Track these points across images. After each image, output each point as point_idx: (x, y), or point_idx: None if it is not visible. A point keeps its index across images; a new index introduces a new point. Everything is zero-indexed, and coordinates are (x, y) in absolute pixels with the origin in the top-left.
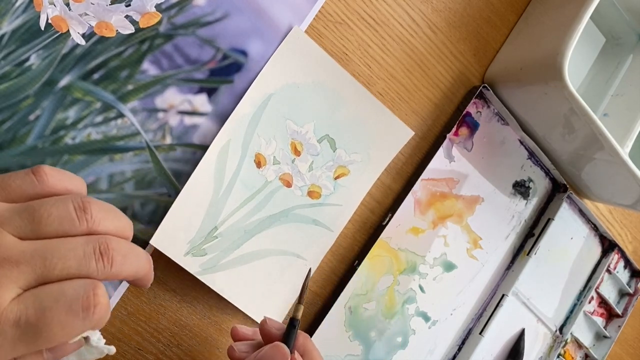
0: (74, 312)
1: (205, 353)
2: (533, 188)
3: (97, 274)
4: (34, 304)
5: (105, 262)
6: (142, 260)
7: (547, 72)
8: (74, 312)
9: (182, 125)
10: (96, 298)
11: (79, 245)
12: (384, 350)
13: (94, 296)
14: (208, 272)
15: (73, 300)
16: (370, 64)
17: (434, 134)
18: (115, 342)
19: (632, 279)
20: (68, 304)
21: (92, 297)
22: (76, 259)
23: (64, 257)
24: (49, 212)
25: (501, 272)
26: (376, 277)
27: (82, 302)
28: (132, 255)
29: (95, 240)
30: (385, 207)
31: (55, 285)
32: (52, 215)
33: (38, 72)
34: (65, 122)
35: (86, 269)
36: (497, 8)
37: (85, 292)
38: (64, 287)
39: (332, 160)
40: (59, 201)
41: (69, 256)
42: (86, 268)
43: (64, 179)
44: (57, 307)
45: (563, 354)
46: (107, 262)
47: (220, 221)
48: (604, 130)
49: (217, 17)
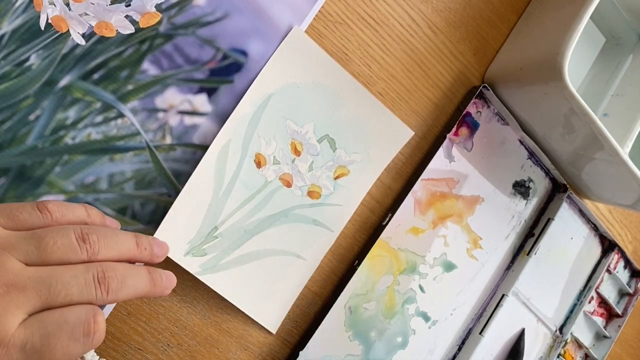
0: (76, 338)
1: (205, 353)
2: (533, 188)
3: (96, 300)
4: (39, 331)
5: (102, 289)
6: (140, 281)
7: (547, 72)
8: (76, 338)
9: (182, 125)
10: (96, 325)
11: (80, 273)
12: (384, 350)
13: (94, 323)
14: (208, 272)
15: (75, 327)
16: (370, 64)
17: (434, 134)
18: (115, 342)
19: (632, 279)
20: (70, 330)
21: (92, 324)
22: (78, 286)
23: (67, 284)
24: (55, 240)
25: (501, 272)
26: (376, 277)
27: (84, 329)
28: (129, 279)
29: (94, 268)
30: (385, 207)
31: (58, 312)
32: (57, 243)
33: (38, 72)
34: (65, 122)
35: (87, 296)
36: (497, 8)
37: (87, 318)
38: (66, 314)
39: (332, 160)
40: (62, 230)
41: (71, 283)
42: (87, 295)
43: (67, 213)
44: (60, 334)
45: (563, 354)
46: (104, 289)
47: (221, 221)
48: (604, 130)
49: (217, 17)
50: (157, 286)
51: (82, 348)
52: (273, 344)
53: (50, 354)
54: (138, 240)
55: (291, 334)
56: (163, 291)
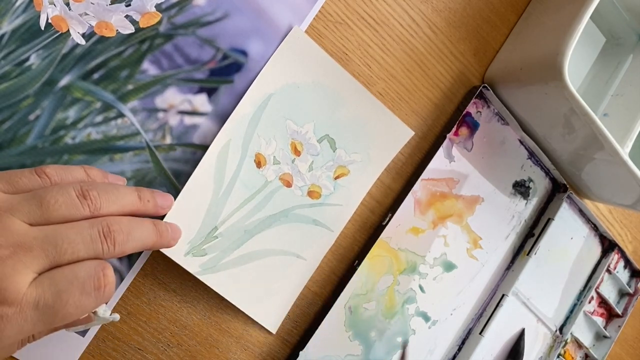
0: (87, 292)
1: (205, 353)
2: (533, 188)
3: (103, 255)
4: (50, 288)
5: (109, 243)
6: (145, 233)
7: (547, 72)
8: (87, 292)
9: (182, 125)
10: (105, 278)
11: (85, 229)
12: (384, 350)
13: (104, 276)
14: (208, 272)
15: (85, 282)
16: (370, 64)
17: (434, 134)
18: (115, 342)
19: (632, 279)
20: (81, 285)
21: (102, 278)
22: (84, 242)
23: (73, 241)
24: (55, 198)
25: (501, 272)
26: (376, 277)
27: (94, 283)
28: (135, 231)
29: (98, 223)
30: (385, 207)
31: (68, 269)
32: (59, 201)
33: (38, 72)
34: (65, 121)
35: (94, 251)
36: (497, 8)
37: (96, 273)
38: (76, 270)
39: (332, 160)
40: (62, 188)
41: (77, 240)
42: (93, 250)
43: (65, 175)
44: (71, 289)
45: (563, 354)
46: (111, 243)
47: (221, 221)
48: (604, 130)
49: (217, 17)
50: (163, 237)
51: (94, 302)
52: (273, 344)
53: (64, 310)
54: (140, 193)
55: (291, 334)
56: (169, 242)
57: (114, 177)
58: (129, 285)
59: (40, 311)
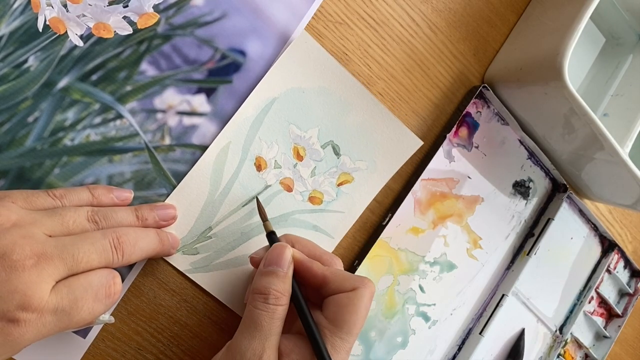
0: (99, 299)
1: (205, 353)
2: (533, 188)
3: (112, 264)
4: (68, 295)
5: (118, 254)
6: (150, 243)
7: (547, 72)
8: (99, 299)
9: (181, 126)
10: (115, 286)
11: (98, 241)
12: (384, 350)
13: (114, 284)
14: (199, 270)
15: (98, 290)
16: (370, 64)
17: (434, 134)
18: (115, 342)
19: (632, 279)
20: (94, 293)
21: (112, 286)
22: (97, 252)
23: (87, 251)
24: (74, 218)
25: (501, 272)
26: (376, 277)
27: (105, 291)
28: (140, 241)
29: (109, 235)
30: (385, 207)
31: (83, 277)
32: (77, 221)
33: (36, 74)
34: (64, 123)
35: (105, 261)
36: (497, 8)
37: (107, 281)
38: (90, 279)
39: (336, 167)
40: (78, 210)
41: (91, 250)
42: (105, 260)
43: (74, 199)
44: (86, 297)
45: (563, 354)
46: (120, 253)
47: (215, 222)
48: (604, 130)
49: (215, 17)
50: (165, 245)
51: (104, 307)
52: None
53: (78, 315)
54: (138, 213)
55: None
56: (170, 250)
57: (118, 191)
58: (129, 286)
59: (58, 317)
